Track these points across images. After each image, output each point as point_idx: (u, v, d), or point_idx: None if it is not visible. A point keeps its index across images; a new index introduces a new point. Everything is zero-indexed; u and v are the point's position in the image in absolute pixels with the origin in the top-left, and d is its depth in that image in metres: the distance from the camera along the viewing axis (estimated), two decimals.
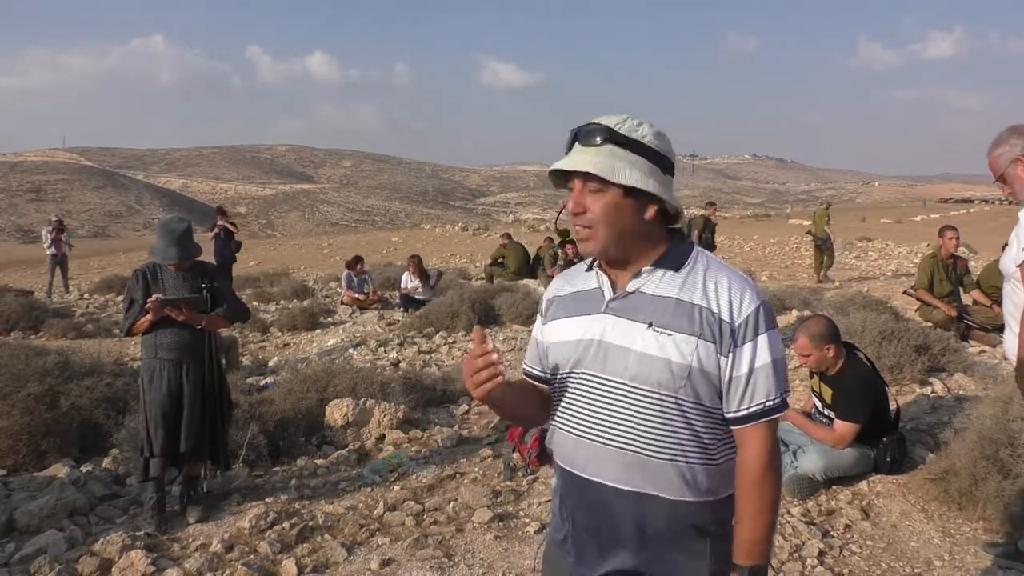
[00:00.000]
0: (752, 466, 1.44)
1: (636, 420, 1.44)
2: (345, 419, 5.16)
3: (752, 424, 1.44)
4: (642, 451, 1.44)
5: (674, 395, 1.42)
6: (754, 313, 1.43)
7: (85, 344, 8.44)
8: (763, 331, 1.43)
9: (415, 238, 34.47)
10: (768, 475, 1.44)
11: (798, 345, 3.87)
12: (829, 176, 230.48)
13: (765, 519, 1.45)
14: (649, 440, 1.43)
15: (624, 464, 1.45)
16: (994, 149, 2.62)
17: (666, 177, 1.48)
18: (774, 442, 1.46)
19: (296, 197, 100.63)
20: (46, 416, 4.67)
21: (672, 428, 1.43)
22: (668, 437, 1.43)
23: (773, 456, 1.45)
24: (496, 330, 9.31)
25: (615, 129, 1.45)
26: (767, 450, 1.45)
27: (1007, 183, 2.63)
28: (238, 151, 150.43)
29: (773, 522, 1.47)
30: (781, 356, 1.45)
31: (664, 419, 1.43)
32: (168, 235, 3.79)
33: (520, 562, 3.29)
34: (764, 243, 24.67)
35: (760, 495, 1.44)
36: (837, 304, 8.37)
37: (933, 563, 3.18)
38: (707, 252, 1.55)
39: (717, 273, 1.47)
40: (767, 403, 1.43)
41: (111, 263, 25.05)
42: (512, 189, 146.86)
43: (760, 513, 1.45)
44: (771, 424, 1.45)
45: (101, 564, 3.31)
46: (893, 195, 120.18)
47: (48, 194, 78.06)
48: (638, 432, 1.44)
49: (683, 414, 1.43)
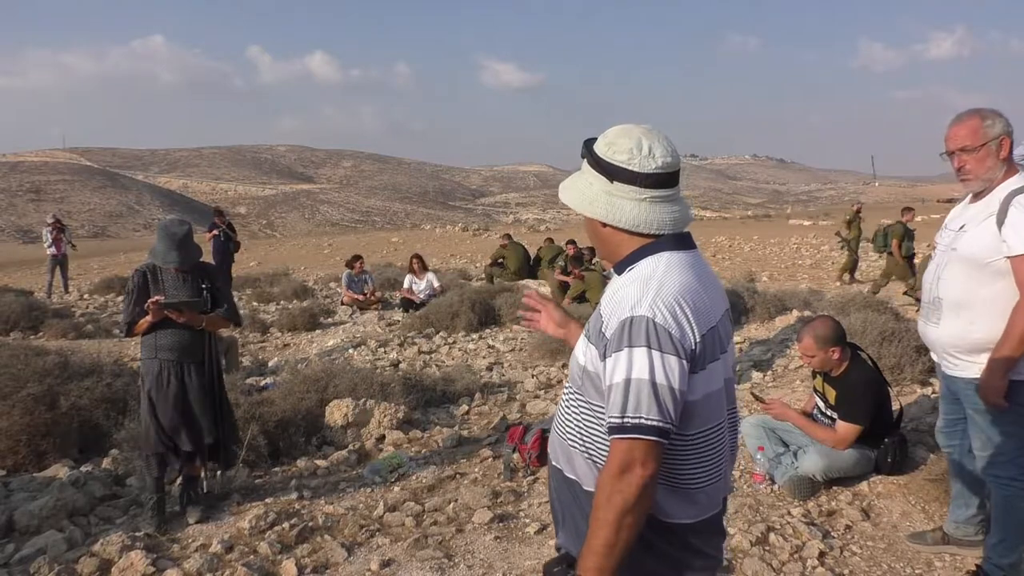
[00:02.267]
0: (602, 475, 1.43)
1: (565, 411, 1.63)
2: (345, 419, 5.16)
3: (612, 436, 1.42)
4: (564, 437, 1.61)
5: (578, 392, 1.57)
6: (619, 327, 1.42)
7: (85, 344, 8.43)
8: (624, 347, 1.40)
9: (415, 238, 34.48)
10: (605, 489, 1.40)
11: (803, 346, 3.86)
12: (829, 176, 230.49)
13: (600, 533, 1.40)
14: (569, 428, 1.60)
15: (559, 448, 1.64)
16: (971, 119, 2.57)
17: (616, 185, 1.52)
18: (624, 461, 1.39)
19: (296, 197, 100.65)
20: (46, 416, 4.66)
21: (579, 420, 1.57)
22: (578, 428, 1.57)
23: (618, 475, 1.39)
24: (496, 330, 9.31)
25: (588, 142, 1.58)
26: (613, 465, 1.40)
27: (972, 156, 2.55)
28: (238, 151, 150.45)
29: (609, 541, 1.39)
30: (644, 377, 1.38)
31: (576, 412, 1.58)
32: (168, 239, 3.79)
33: (520, 562, 3.28)
34: (764, 243, 24.65)
35: (597, 507, 1.41)
36: (838, 304, 8.36)
37: (934, 564, 3.17)
38: (672, 260, 1.50)
39: (633, 282, 1.48)
40: (612, 420, 1.41)
41: (111, 263, 25.04)
42: (512, 189, 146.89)
43: (595, 526, 1.41)
44: (624, 443, 1.39)
45: (101, 564, 3.31)
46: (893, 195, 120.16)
47: (48, 194, 78.06)
48: (565, 421, 1.62)
49: (583, 410, 1.56)
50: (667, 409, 1.39)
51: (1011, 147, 2.56)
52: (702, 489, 1.52)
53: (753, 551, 3.24)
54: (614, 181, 1.52)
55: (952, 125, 2.63)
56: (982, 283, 2.58)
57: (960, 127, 2.59)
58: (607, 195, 1.53)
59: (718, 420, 1.54)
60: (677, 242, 1.53)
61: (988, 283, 2.57)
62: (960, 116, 2.62)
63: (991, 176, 2.57)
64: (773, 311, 8.68)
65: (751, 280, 12.70)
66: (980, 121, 2.55)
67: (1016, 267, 2.47)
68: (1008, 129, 2.55)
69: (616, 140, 1.52)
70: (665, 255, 1.50)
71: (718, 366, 1.51)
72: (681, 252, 1.52)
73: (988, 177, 2.57)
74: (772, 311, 8.68)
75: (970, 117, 2.58)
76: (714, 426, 1.53)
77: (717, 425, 1.54)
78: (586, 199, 1.56)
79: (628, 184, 1.51)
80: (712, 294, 1.53)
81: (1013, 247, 2.46)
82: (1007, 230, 2.47)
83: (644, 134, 1.51)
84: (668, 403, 1.39)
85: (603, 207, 1.53)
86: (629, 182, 1.50)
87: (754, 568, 3.09)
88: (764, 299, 9.00)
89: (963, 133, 2.58)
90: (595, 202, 1.54)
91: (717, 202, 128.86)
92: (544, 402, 5.85)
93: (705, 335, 1.45)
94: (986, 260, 2.55)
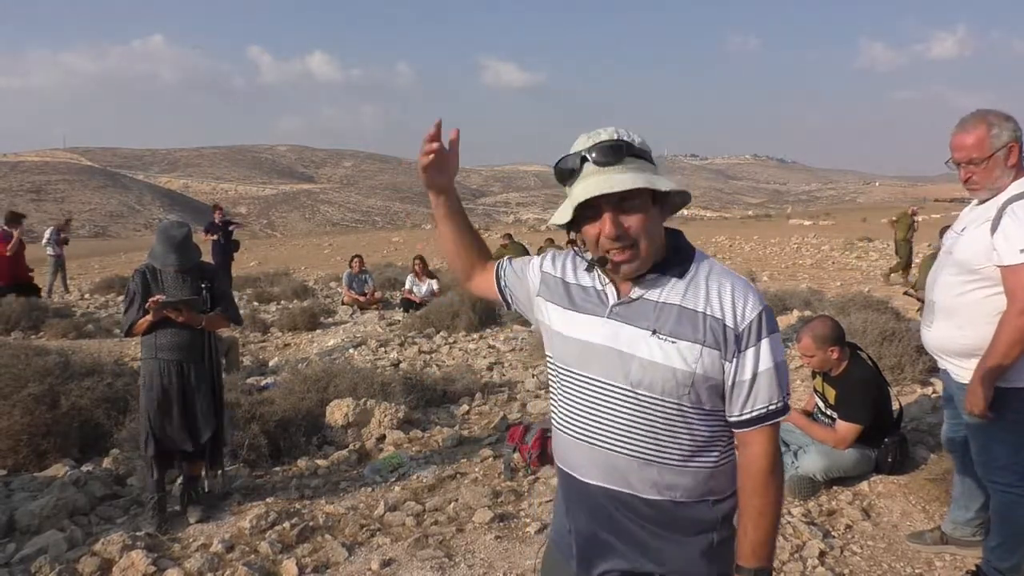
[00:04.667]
0: (755, 467, 1.45)
1: (637, 425, 1.45)
2: (345, 419, 5.16)
3: (756, 427, 1.45)
4: (640, 455, 1.45)
5: (677, 401, 1.43)
6: (757, 318, 1.43)
7: (85, 344, 8.43)
8: (765, 336, 1.43)
9: (415, 238, 34.49)
10: (771, 476, 1.46)
11: (802, 346, 3.85)
12: (830, 176, 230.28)
13: (768, 520, 1.45)
14: (649, 444, 1.44)
15: (622, 467, 1.46)
16: (977, 128, 2.49)
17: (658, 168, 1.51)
18: (776, 444, 1.47)
19: (297, 197, 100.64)
20: (46, 416, 4.66)
21: (672, 432, 1.44)
22: (668, 441, 1.44)
23: (776, 458, 1.46)
24: (496, 330, 9.31)
25: (630, 142, 1.43)
26: (770, 451, 1.46)
27: (980, 167, 2.49)
28: (239, 151, 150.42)
29: (776, 523, 1.47)
30: (783, 360, 1.46)
31: (666, 424, 1.44)
32: (167, 241, 3.79)
33: (521, 562, 3.29)
34: (765, 243, 24.65)
35: (764, 496, 1.45)
36: (838, 304, 8.37)
37: (934, 563, 3.17)
38: (706, 254, 1.55)
39: (720, 277, 1.47)
40: (770, 407, 1.44)
41: (111, 263, 25.05)
42: (513, 189, 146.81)
43: (763, 515, 1.45)
44: (774, 427, 1.46)
45: (101, 564, 3.30)
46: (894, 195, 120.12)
47: (48, 194, 78.08)
48: (639, 436, 1.45)
49: (685, 419, 1.44)
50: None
51: (1020, 152, 2.48)
52: None
53: None
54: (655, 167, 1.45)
55: (957, 133, 2.54)
56: (973, 288, 2.56)
57: (966, 136, 2.51)
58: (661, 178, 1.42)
59: None
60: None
61: (979, 289, 2.54)
62: (965, 122, 2.52)
63: (999, 185, 2.51)
64: (773, 311, 8.70)
65: (751, 280, 12.71)
66: (987, 130, 2.46)
67: (1005, 276, 2.43)
68: (1016, 134, 2.47)
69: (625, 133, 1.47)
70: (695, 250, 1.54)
71: None
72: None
73: (996, 186, 2.51)
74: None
75: (976, 125, 2.49)
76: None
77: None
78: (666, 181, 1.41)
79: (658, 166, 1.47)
80: None
81: (1003, 256, 2.41)
82: (998, 238, 2.43)
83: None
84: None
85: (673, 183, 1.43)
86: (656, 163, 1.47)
87: None
88: (764, 299, 9.01)
89: (970, 143, 2.50)
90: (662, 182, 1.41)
91: (717, 202, 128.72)
92: (544, 401, 5.85)
93: None
94: (977, 266, 2.52)
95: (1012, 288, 2.41)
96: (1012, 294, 2.42)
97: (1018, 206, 2.41)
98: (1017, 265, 2.37)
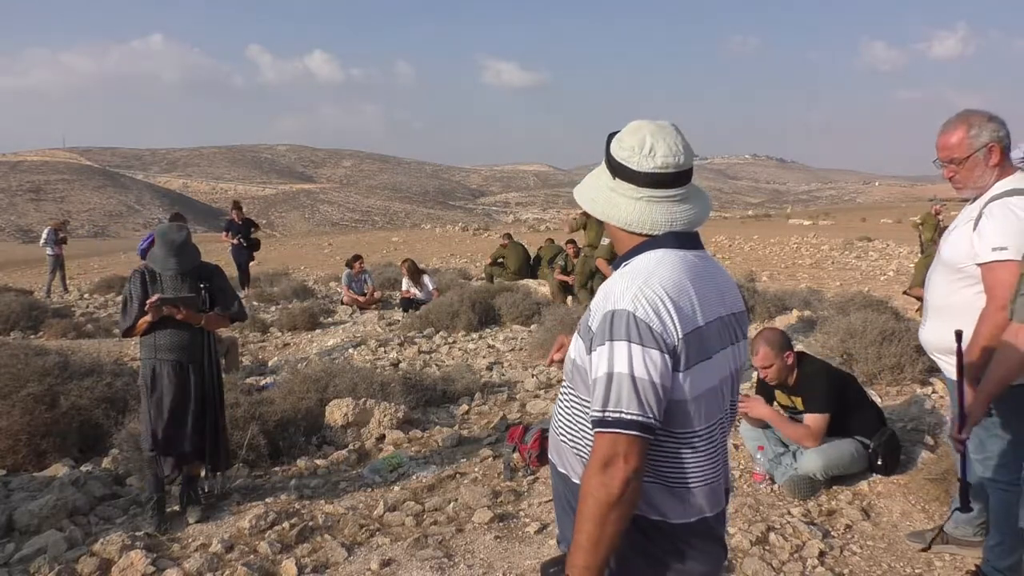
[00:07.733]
0: (585, 472, 1.43)
1: (558, 406, 1.64)
2: (345, 419, 5.16)
3: (595, 430, 1.42)
4: (557, 431, 1.63)
5: (570, 386, 1.58)
6: (602, 320, 1.43)
7: (85, 344, 8.43)
8: (606, 340, 1.39)
9: (415, 238, 34.48)
10: (590, 483, 1.39)
11: (759, 357, 3.80)
12: (830, 176, 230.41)
13: (585, 528, 1.38)
14: (561, 423, 1.61)
15: (554, 443, 1.65)
16: (958, 129, 2.53)
17: (617, 182, 1.53)
18: (607, 455, 1.37)
19: (296, 197, 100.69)
20: (46, 416, 4.66)
21: (570, 414, 1.58)
22: (569, 422, 1.59)
23: (601, 469, 1.37)
24: (496, 330, 9.30)
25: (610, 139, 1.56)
26: (596, 459, 1.39)
27: (961, 166, 2.54)
28: (238, 151, 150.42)
29: (594, 536, 1.37)
30: (624, 371, 1.36)
31: (568, 406, 1.59)
32: (167, 245, 3.78)
33: (520, 562, 3.29)
34: (764, 243, 24.65)
35: (582, 502, 1.40)
36: (838, 304, 8.37)
37: (934, 563, 3.17)
38: (666, 258, 1.48)
39: (621, 277, 1.48)
40: (595, 414, 1.41)
41: (111, 263, 25.02)
42: (512, 189, 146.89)
43: (581, 521, 1.40)
44: (606, 437, 1.38)
45: (101, 564, 3.30)
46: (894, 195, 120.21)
47: (48, 194, 78.10)
48: (558, 416, 1.63)
49: (574, 404, 1.57)
50: (648, 404, 1.36)
51: (1003, 151, 2.52)
52: (696, 488, 1.50)
53: (753, 551, 3.24)
54: (616, 178, 1.53)
55: (941, 133, 2.60)
56: (961, 287, 2.60)
57: (948, 136, 2.57)
58: (609, 191, 1.55)
59: (711, 422, 1.51)
60: (677, 241, 1.50)
61: (966, 288, 2.58)
62: (948, 124, 2.58)
63: (982, 184, 2.55)
64: (773, 311, 8.71)
65: (751, 280, 12.71)
66: (966, 131, 2.51)
67: (983, 274, 2.47)
68: (997, 134, 2.50)
69: (624, 136, 1.52)
70: (659, 252, 1.48)
71: (710, 366, 1.47)
72: (679, 250, 1.49)
73: (978, 186, 2.56)
74: (772, 311, 8.70)
75: (956, 126, 2.54)
76: (707, 427, 1.50)
77: (709, 427, 1.51)
78: (590, 195, 1.58)
79: (627, 182, 1.51)
80: (708, 295, 1.49)
81: (980, 254, 2.46)
82: (976, 236, 2.48)
83: (652, 132, 1.49)
84: (649, 398, 1.36)
85: (602, 203, 1.55)
86: (628, 180, 1.50)
87: (754, 568, 3.09)
88: (764, 299, 9.02)
89: (951, 143, 2.55)
90: (596, 199, 1.56)
91: (717, 202, 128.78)
92: (544, 402, 5.85)
93: (689, 334, 1.41)
94: (962, 265, 2.57)
95: (990, 285, 2.46)
96: (990, 291, 2.46)
97: (995, 205, 2.46)
98: (992, 263, 2.42)
